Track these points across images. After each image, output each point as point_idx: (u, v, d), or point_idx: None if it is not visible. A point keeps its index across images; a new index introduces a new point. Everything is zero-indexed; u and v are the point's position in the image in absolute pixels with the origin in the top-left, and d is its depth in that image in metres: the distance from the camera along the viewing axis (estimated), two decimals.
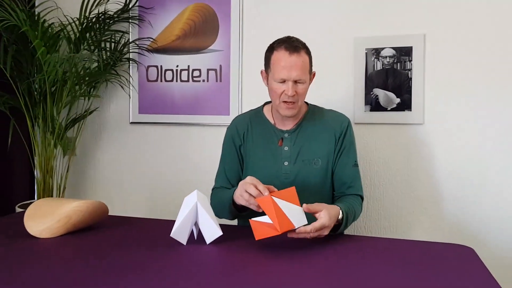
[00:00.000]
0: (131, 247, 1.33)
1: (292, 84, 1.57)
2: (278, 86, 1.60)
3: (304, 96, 1.65)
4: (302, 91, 1.61)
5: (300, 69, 1.57)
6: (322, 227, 1.35)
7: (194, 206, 1.32)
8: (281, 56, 1.58)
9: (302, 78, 1.58)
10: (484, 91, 2.15)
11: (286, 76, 1.57)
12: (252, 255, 1.27)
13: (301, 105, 1.67)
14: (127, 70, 2.65)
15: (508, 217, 2.14)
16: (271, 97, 1.67)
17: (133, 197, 2.70)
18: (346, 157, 1.71)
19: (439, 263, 1.22)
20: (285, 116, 1.65)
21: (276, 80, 1.60)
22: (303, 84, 1.61)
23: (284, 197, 1.34)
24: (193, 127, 2.58)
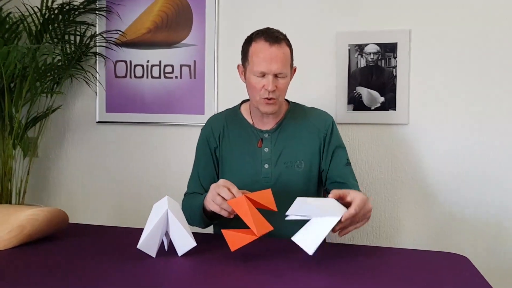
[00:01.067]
0: (93, 259, 1.18)
1: (272, 78, 1.45)
2: (257, 80, 1.47)
3: (285, 92, 1.52)
4: (283, 86, 1.49)
5: (281, 62, 1.45)
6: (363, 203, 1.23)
7: (165, 214, 1.17)
8: (261, 47, 1.45)
9: (283, 71, 1.46)
10: (471, 90, 2.06)
11: (266, 69, 1.44)
12: (229, 267, 1.14)
13: (282, 102, 1.54)
14: (94, 66, 2.47)
15: (495, 221, 2.06)
16: (249, 93, 1.54)
17: (100, 203, 2.52)
18: (337, 157, 1.60)
19: (434, 274, 1.13)
20: (265, 113, 1.51)
21: (255, 74, 1.47)
22: (284, 79, 1.48)
23: (259, 199, 1.22)
24: (165, 127, 2.42)
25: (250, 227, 1.16)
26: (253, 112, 1.61)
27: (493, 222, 2.06)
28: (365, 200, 1.24)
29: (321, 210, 1.16)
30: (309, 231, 1.15)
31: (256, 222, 1.16)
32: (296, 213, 1.19)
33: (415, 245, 2.14)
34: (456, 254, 1.33)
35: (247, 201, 1.18)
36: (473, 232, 2.08)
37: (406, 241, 2.16)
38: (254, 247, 1.27)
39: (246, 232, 1.17)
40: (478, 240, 2.08)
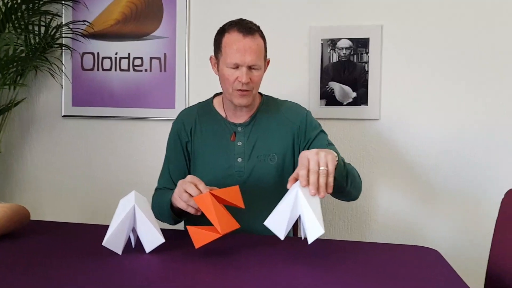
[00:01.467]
0: (55, 257, 1.12)
1: (246, 70, 1.42)
2: (230, 72, 1.44)
3: (259, 84, 1.49)
4: (257, 78, 1.45)
5: (255, 53, 1.42)
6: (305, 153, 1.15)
7: (131, 210, 1.12)
8: (234, 38, 1.42)
9: (257, 63, 1.43)
10: (441, 85, 2.08)
11: (239, 60, 1.41)
12: (198, 263, 1.10)
13: (256, 94, 1.51)
14: (59, 57, 2.38)
15: (464, 215, 2.08)
16: (222, 85, 1.50)
17: (67, 200, 2.43)
18: (317, 142, 1.55)
19: (406, 268, 1.12)
20: (239, 105, 1.48)
21: (228, 66, 1.43)
22: (258, 71, 1.45)
23: (226, 196, 1.18)
24: (134, 121, 2.35)
25: (214, 225, 1.13)
26: (226, 105, 1.57)
27: (462, 217, 2.09)
28: (309, 151, 1.16)
29: (293, 206, 1.12)
30: (280, 214, 1.12)
31: (220, 219, 1.13)
32: (277, 228, 1.14)
33: (386, 239, 2.14)
34: (427, 247, 1.33)
35: (211, 197, 1.14)
36: (443, 226, 2.10)
37: (378, 236, 2.16)
38: (224, 243, 1.24)
39: (210, 230, 1.13)
40: (448, 234, 2.10)
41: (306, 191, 1.11)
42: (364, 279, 1.02)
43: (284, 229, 1.11)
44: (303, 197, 1.09)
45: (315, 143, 1.54)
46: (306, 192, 1.10)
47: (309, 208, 1.07)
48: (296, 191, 1.10)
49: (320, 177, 1.12)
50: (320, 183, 1.12)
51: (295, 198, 1.10)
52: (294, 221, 1.13)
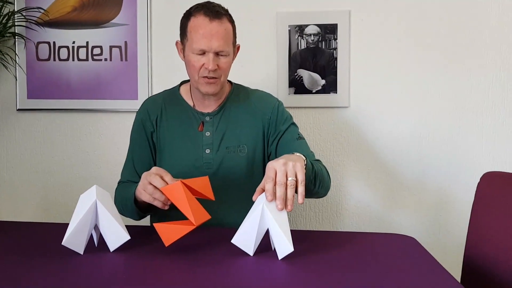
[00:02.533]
0: (10, 259, 1.03)
1: (213, 56, 1.34)
2: (196, 58, 1.36)
3: (228, 71, 1.42)
4: (225, 65, 1.38)
5: (223, 39, 1.34)
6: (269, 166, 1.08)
7: (93, 206, 1.03)
8: (200, 22, 1.34)
9: (225, 49, 1.36)
10: (411, 71, 2.06)
11: (206, 46, 1.33)
12: (167, 261, 1.04)
13: (224, 82, 1.44)
14: (12, 47, 2.23)
15: (435, 201, 2.08)
16: (189, 72, 1.43)
17: (23, 198, 2.30)
18: (287, 135, 1.49)
19: (384, 255, 1.10)
20: (206, 93, 1.41)
21: (194, 52, 1.36)
22: (226, 57, 1.38)
23: (196, 186, 1.12)
24: (94, 114, 2.24)
25: (187, 216, 1.06)
26: (194, 94, 1.50)
27: (434, 202, 2.08)
28: (276, 161, 1.09)
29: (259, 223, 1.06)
30: (247, 231, 1.06)
31: (194, 210, 1.06)
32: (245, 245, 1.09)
33: (358, 229, 2.12)
34: (403, 235, 1.31)
35: (183, 186, 1.07)
36: (414, 213, 2.09)
37: (349, 225, 2.13)
38: (193, 238, 1.18)
39: (181, 223, 1.07)
40: (420, 221, 2.09)
41: (272, 205, 1.05)
42: (342, 269, 0.99)
43: (252, 246, 1.07)
44: (269, 213, 1.03)
45: (285, 136, 1.49)
46: (272, 207, 1.05)
47: (276, 224, 1.02)
48: (262, 206, 1.05)
49: (288, 189, 1.05)
50: (288, 196, 1.05)
51: (261, 214, 1.04)
52: (263, 235, 1.08)
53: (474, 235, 1.25)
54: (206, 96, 1.45)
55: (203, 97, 1.47)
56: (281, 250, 1.04)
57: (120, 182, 1.54)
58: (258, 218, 1.05)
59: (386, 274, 0.97)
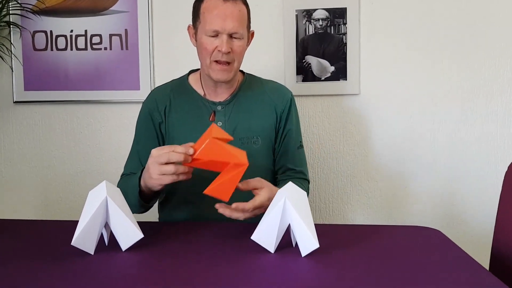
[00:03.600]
0: (15, 261, 0.96)
1: (226, 38, 1.28)
2: (209, 41, 1.30)
3: (241, 57, 1.36)
4: (239, 48, 1.32)
5: (237, 20, 1.28)
6: (261, 206, 1.12)
7: (103, 203, 0.96)
8: (214, 3, 1.28)
9: (239, 31, 1.29)
10: (425, 56, 1.99)
11: (219, 27, 1.27)
12: (184, 260, 0.97)
13: (237, 69, 1.37)
14: (8, 37, 2.14)
15: (449, 190, 2.02)
16: (200, 57, 1.36)
17: (23, 194, 2.21)
18: (291, 138, 1.46)
19: (412, 249, 1.05)
20: (218, 80, 1.34)
21: (207, 33, 1.29)
22: (240, 41, 1.32)
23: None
24: (94, 105, 2.15)
25: (234, 160, 1.05)
26: (204, 82, 1.43)
27: (448, 191, 2.02)
28: (263, 205, 1.13)
29: (281, 217, 1.00)
30: (268, 227, 1.00)
31: (235, 152, 1.06)
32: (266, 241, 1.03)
33: (370, 220, 2.06)
34: (427, 227, 1.25)
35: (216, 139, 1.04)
36: (427, 203, 2.03)
37: (360, 217, 2.07)
38: (209, 235, 1.14)
39: (227, 174, 1.05)
40: (434, 211, 2.03)
41: (294, 200, 0.99)
42: (370, 264, 0.94)
43: (274, 242, 1.00)
44: (292, 207, 0.97)
45: (288, 140, 1.46)
46: (294, 201, 0.98)
47: (300, 219, 0.96)
48: (284, 201, 0.98)
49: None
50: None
51: (283, 208, 0.98)
52: (284, 231, 1.02)
53: (503, 225, 1.19)
54: (218, 84, 1.39)
55: (215, 85, 1.40)
56: (305, 246, 0.98)
57: (123, 175, 1.46)
58: (280, 213, 0.98)
59: (417, 268, 0.92)
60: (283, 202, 0.98)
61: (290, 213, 0.98)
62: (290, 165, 1.46)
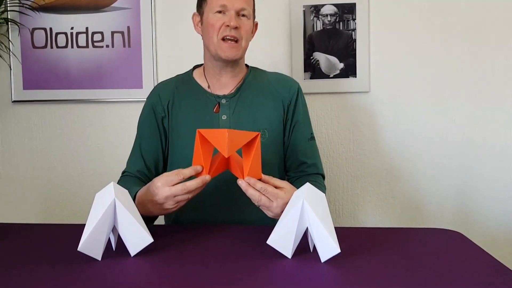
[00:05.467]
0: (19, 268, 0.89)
1: (234, 14, 1.27)
2: (216, 17, 1.28)
3: (248, 36, 1.33)
4: (246, 26, 1.30)
5: None
6: (276, 198, 1.04)
7: (111, 206, 0.89)
8: None
9: (246, 8, 1.29)
10: (436, 52, 1.93)
11: (227, 1, 1.26)
12: (197, 266, 0.90)
13: (245, 49, 1.34)
14: (6, 34, 2.07)
15: (464, 191, 1.96)
16: (208, 38, 1.32)
17: (23, 197, 2.15)
18: (301, 130, 1.41)
19: (435, 252, 1.00)
20: (226, 58, 1.30)
21: (214, 10, 1.28)
22: (248, 20, 1.30)
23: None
24: (96, 104, 2.09)
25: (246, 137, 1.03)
26: (208, 72, 1.39)
27: (462, 192, 1.96)
28: (278, 197, 1.05)
29: (299, 220, 0.93)
30: (285, 230, 0.94)
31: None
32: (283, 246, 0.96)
33: (382, 222, 2.00)
34: (449, 230, 1.20)
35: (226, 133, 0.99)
36: (441, 204, 1.97)
37: (371, 219, 2.01)
38: (221, 239, 1.07)
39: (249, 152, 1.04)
40: (448, 212, 1.97)
41: (312, 202, 0.92)
42: (394, 270, 0.88)
43: (291, 247, 0.94)
44: (311, 209, 0.90)
45: (296, 132, 1.40)
46: (313, 203, 0.92)
47: (320, 223, 0.89)
48: (302, 203, 0.92)
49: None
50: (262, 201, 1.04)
51: (300, 211, 0.92)
52: (302, 235, 0.96)
53: None
54: (223, 70, 1.35)
55: (220, 72, 1.36)
56: (324, 251, 0.92)
57: (125, 173, 1.41)
58: (298, 215, 0.92)
59: (443, 272, 0.87)
60: (301, 204, 0.92)
61: (309, 216, 0.92)
62: (302, 158, 1.40)
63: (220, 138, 1.00)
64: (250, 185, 1.02)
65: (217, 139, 1.01)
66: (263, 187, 1.02)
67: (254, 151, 1.02)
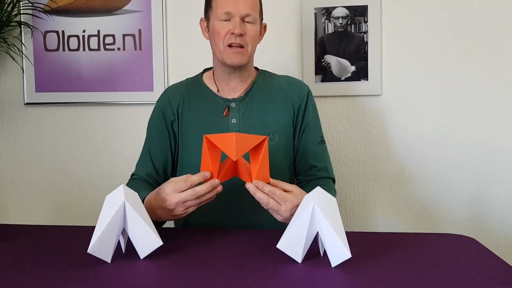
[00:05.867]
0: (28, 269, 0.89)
1: (239, 21, 1.25)
2: (222, 25, 1.27)
3: (255, 42, 1.32)
4: (251, 32, 1.28)
5: (249, 3, 1.26)
6: (284, 201, 1.03)
7: (121, 208, 0.89)
8: None
9: (252, 14, 1.27)
10: (449, 55, 1.90)
11: (232, 8, 1.25)
12: (206, 269, 0.90)
13: (251, 54, 1.33)
14: (19, 37, 2.09)
15: (477, 196, 1.93)
16: (214, 45, 1.32)
17: (34, 199, 2.16)
18: (311, 133, 1.40)
19: (449, 259, 0.98)
20: (232, 64, 1.29)
21: (219, 17, 1.27)
22: (253, 25, 1.29)
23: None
24: (107, 107, 2.10)
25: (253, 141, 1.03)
26: (217, 76, 1.38)
27: (475, 196, 1.93)
28: (287, 200, 1.04)
29: (310, 224, 0.92)
30: (295, 234, 0.93)
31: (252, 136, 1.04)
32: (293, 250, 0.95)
33: (392, 227, 1.98)
34: (461, 235, 1.17)
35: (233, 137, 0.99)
36: (453, 209, 1.94)
37: (383, 223, 1.99)
38: (231, 243, 1.06)
39: (256, 155, 1.03)
40: (461, 217, 1.94)
41: (323, 205, 0.91)
42: (406, 276, 0.87)
43: (301, 252, 0.93)
44: (322, 214, 0.89)
45: (307, 135, 1.39)
46: (323, 207, 0.91)
47: (330, 227, 0.88)
48: (312, 207, 0.91)
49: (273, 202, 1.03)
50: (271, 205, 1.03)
51: (311, 215, 0.91)
52: (312, 239, 0.94)
53: None
54: (231, 75, 1.35)
55: (228, 77, 1.35)
56: (335, 256, 0.90)
57: (134, 175, 1.41)
58: (308, 220, 0.91)
59: (457, 279, 0.85)
60: (312, 208, 0.91)
61: (319, 220, 0.90)
62: (312, 162, 1.40)
63: (228, 142, 0.99)
64: (258, 188, 1.01)
65: (225, 143, 1.00)
66: (271, 190, 1.02)
67: (262, 155, 1.01)
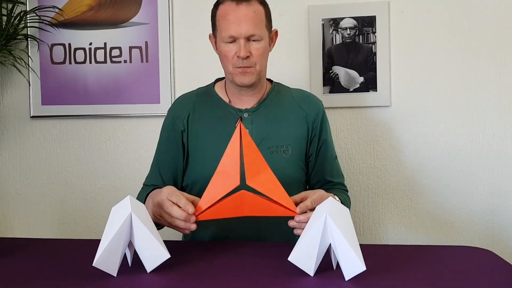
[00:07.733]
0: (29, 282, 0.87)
1: (244, 42, 1.23)
2: (228, 48, 1.25)
3: (263, 59, 1.29)
4: (258, 51, 1.25)
5: (252, 22, 1.23)
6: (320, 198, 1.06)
7: (127, 220, 0.86)
8: (227, 8, 1.24)
9: (255, 33, 1.23)
10: (458, 66, 1.88)
11: (234, 32, 1.22)
12: (215, 283, 0.87)
13: (261, 71, 1.30)
14: (25, 50, 2.09)
15: (489, 208, 1.89)
16: (223, 65, 1.31)
17: (40, 212, 2.14)
18: (327, 149, 1.39)
19: (466, 272, 0.95)
20: (241, 84, 1.27)
21: (224, 40, 1.25)
22: (259, 43, 1.26)
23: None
24: (114, 120, 2.08)
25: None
26: (229, 89, 1.37)
27: (488, 208, 1.89)
28: (322, 196, 1.07)
29: (322, 236, 0.89)
30: (307, 247, 0.90)
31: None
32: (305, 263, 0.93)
33: (403, 240, 1.94)
34: (478, 248, 1.14)
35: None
36: (466, 221, 1.90)
37: (394, 237, 1.95)
38: (241, 256, 1.03)
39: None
40: (474, 229, 1.90)
41: (336, 216, 0.88)
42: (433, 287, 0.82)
43: (313, 265, 0.90)
44: (335, 225, 0.86)
45: (324, 151, 1.39)
46: (336, 218, 0.88)
47: (344, 239, 0.85)
48: (325, 218, 0.88)
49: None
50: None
51: (323, 227, 0.88)
52: (324, 252, 0.91)
53: None
54: (243, 91, 1.33)
55: (240, 92, 1.34)
56: (349, 269, 0.87)
57: (144, 186, 1.40)
58: (320, 231, 0.88)
59: None
60: (324, 219, 0.88)
61: (332, 231, 0.87)
62: (328, 177, 1.39)
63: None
64: (302, 222, 1.00)
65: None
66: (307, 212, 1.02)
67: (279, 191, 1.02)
